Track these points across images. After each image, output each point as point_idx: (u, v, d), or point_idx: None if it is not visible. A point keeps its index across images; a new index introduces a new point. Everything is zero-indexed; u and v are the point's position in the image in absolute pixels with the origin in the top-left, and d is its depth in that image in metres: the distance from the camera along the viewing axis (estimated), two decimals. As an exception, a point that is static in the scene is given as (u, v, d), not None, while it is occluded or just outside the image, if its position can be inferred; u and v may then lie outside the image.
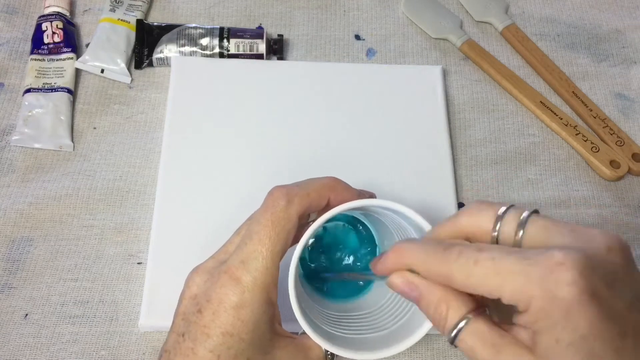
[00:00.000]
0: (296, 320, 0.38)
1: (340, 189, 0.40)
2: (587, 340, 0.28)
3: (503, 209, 0.33)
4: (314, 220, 0.39)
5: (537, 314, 0.29)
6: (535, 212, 0.33)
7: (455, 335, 0.32)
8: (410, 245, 0.35)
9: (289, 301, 0.38)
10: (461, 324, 0.32)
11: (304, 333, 0.39)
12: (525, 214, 0.32)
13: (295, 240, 0.39)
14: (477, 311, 0.33)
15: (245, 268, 0.37)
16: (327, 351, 0.40)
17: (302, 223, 0.40)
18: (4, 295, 0.51)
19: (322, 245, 0.47)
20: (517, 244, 0.32)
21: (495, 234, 0.33)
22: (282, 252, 0.38)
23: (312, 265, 0.47)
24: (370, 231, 0.48)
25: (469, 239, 0.34)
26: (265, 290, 0.37)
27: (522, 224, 0.32)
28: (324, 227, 0.48)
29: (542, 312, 0.29)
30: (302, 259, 0.47)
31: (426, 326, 0.38)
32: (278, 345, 0.39)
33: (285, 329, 0.41)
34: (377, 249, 0.48)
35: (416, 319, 0.39)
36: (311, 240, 0.47)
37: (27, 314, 0.50)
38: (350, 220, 0.48)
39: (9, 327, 0.50)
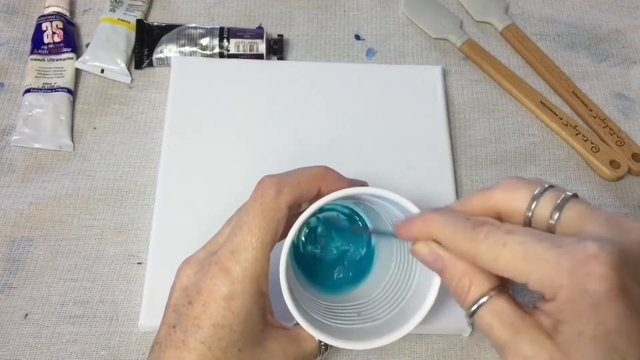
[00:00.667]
0: (290, 313, 0.38)
1: (331, 178, 0.40)
2: (612, 336, 0.28)
3: (540, 189, 0.32)
4: (304, 210, 0.38)
5: (564, 305, 0.29)
6: (575, 196, 0.31)
7: (475, 311, 0.32)
8: (438, 217, 0.34)
9: (282, 293, 0.38)
10: (482, 300, 0.32)
11: (297, 324, 0.39)
12: (562, 196, 0.31)
13: (286, 230, 0.39)
14: (500, 289, 0.32)
15: (234, 259, 0.37)
16: (321, 342, 0.40)
17: (293, 213, 0.39)
18: (4, 295, 0.51)
19: (317, 236, 0.47)
20: (550, 229, 0.31)
21: (529, 214, 0.32)
22: (272, 242, 0.38)
23: (306, 255, 0.47)
24: (365, 222, 0.48)
25: (500, 217, 0.33)
26: (255, 281, 0.37)
27: (558, 208, 0.31)
28: (317, 218, 0.48)
29: (568, 303, 0.29)
30: (295, 250, 0.47)
31: (419, 316, 0.38)
32: (270, 336, 0.39)
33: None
34: (372, 239, 0.48)
35: (409, 310, 0.39)
36: (305, 231, 0.47)
37: (27, 314, 0.50)
38: (345, 212, 0.48)
39: (9, 327, 0.50)
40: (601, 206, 0.57)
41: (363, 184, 0.43)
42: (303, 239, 0.47)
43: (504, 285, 0.33)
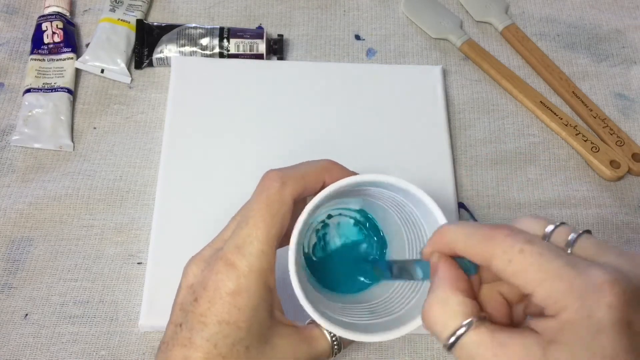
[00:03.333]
0: (301, 314, 0.37)
1: (336, 171, 0.39)
2: None
3: (551, 227, 0.32)
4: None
5: (564, 324, 0.28)
6: (587, 232, 0.32)
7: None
8: (453, 225, 0.34)
9: (293, 291, 0.37)
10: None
11: (309, 323, 0.38)
12: (572, 236, 0.31)
13: (292, 224, 0.38)
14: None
15: (240, 253, 0.36)
16: (334, 342, 0.39)
17: (299, 208, 0.39)
18: (4, 295, 0.51)
19: (327, 242, 0.47)
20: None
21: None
22: (278, 235, 0.37)
23: (317, 262, 0.47)
24: (376, 223, 0.47)
25: None
26: (262, 275, 0.36)
27: (572, 241, 0.31)
28: (326, 224, 0.47)
29: (570, 324, 0.28)
30: (307, 257, 0.46)
31: None
32: (279, 333, 0.38)
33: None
34: (386, 238, 0.47)
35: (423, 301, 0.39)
36: (314, 240, 0.47)
37: (27, 314, 0.50)
38: (356, 217, 0.48)
39: (9, 327, 0.50)
40: (601, 206, 0.57)
41: None
42: (314, 244, 0.47)
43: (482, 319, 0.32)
